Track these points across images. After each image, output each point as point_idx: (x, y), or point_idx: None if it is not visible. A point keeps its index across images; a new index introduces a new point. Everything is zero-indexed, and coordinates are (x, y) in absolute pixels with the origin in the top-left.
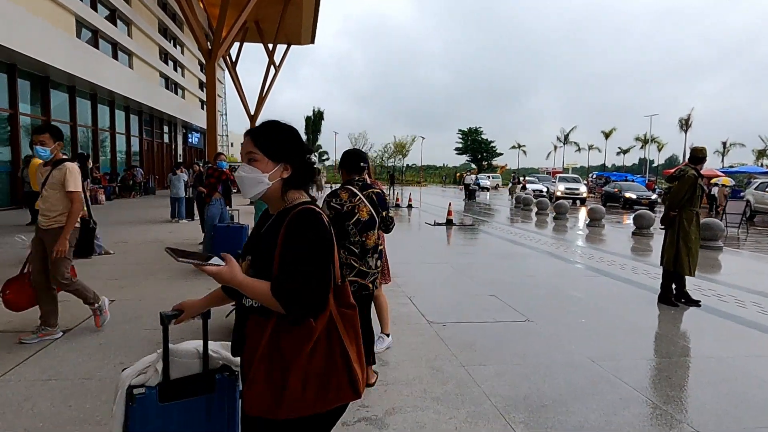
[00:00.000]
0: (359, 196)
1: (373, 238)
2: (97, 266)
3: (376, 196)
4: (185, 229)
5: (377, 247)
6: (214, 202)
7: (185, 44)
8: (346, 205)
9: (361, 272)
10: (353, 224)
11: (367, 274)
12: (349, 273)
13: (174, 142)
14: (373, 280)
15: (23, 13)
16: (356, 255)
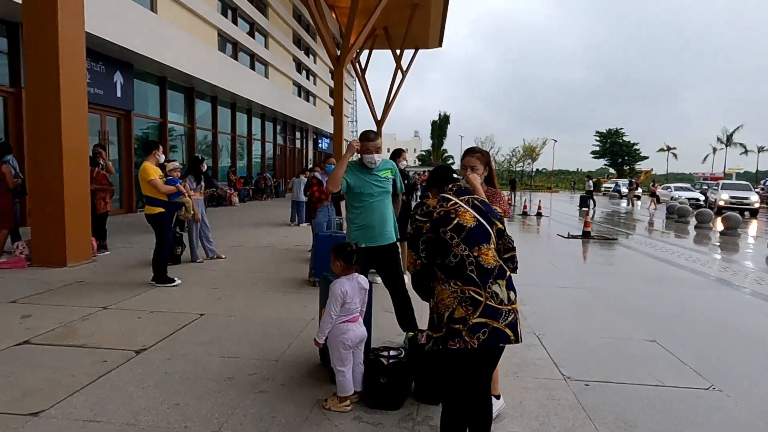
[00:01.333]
0: (454, 200)
1: (490, 254)
2: (205, 271)
3: (480, 202)
4: (301, 233)
5: (503, 270)
6: (322, 209)
7: (317, 53)
8: (436, 211)
9: (490, 310)
10: (453, 231)
11: (499, 313)
12: (472, 312)
13: (305, 147)
14: (511, 323)
15: (174, 30)
16: (474, 282)
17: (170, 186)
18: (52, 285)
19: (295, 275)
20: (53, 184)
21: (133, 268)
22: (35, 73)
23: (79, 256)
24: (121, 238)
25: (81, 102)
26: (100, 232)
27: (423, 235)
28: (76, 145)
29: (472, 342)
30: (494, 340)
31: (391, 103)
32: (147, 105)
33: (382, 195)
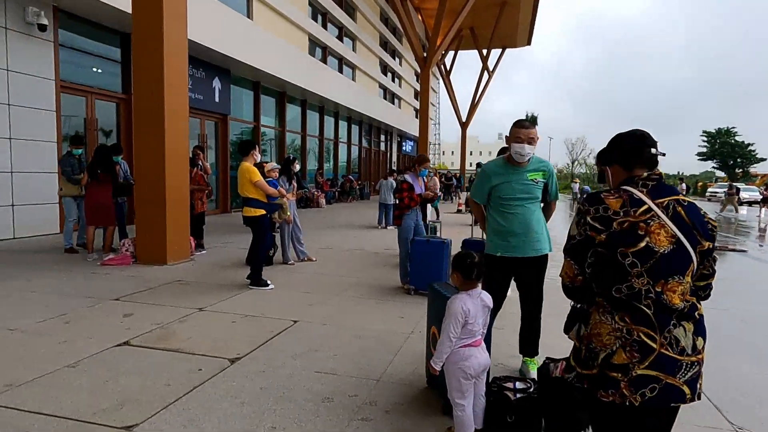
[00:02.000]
0: (648, 205)
1: (680, 289)
2: (297, 274)
3: (686, 210)
4: (388, 237)
5: (694, 309)
6: (411, 212)
7: (403, 56)
8: (617, 220)
9: (665, 360)
10: (637, 256)
11: (678, 365)
12: (639, 360)
13: (389, 150)
14: (692, 378)
15: (268, 36)
16: (649, 322)
17: (273, 188)
18: (152, 283)
19: (388, 281)
20: (156, 185)
21: (228, 268)
22: (142, 77)
23: (178, 255)
24: (216, 238)
25: (183, 106)
26: (198, 232)
27: (592, 247)
28: (178, 147)
29: (633, 398)
30: (665, 399)
31: (477, 104)
32: (242, 109)
33: (529, 202)
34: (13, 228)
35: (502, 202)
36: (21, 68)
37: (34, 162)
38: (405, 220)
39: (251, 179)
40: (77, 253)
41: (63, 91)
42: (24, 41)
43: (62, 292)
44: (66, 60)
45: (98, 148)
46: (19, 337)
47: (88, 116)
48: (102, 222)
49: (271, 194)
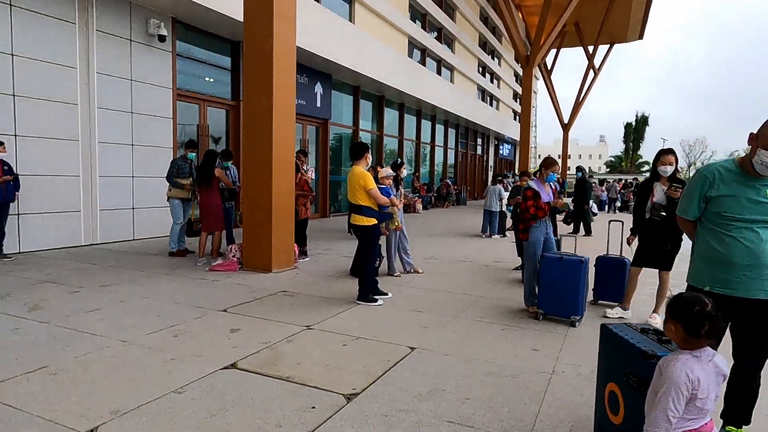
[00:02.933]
0: None
1: None
2: (405, 288)
3: None
4: (496, 247)
5: None
6: (538, 224)
7: (502, 56)
8: None
9: None
10: None
11: None
12: None
13: (486, 153)
14: None
15: (369, 39)
16: None
17: (386, 197)
18: (258, 293)
19: (508, 301)
20: (263, 191)
21: (333, 278)
22: (252, 82)
23: (283, 262)
24: (317, 244)
25: (290, 109)
26: (301, 239)
27: None
28: (285, 153)
29: None
30: None
31: (581, 104)
32: (341, 113)
33: (762, 226)
34: (133, 230)
35: (721, 221)
36: (143, 78)
37: (152, 167)
38: (533, 233)
39: (365, 187)
40: (184, 256)
41: (179, 99)
42: (146, 52)
43: (173, 299)
44: (182, 69)
45: (206, 153)
46: (129, 351)
47: (200, 122)
48: (211, 227)
49: (383, 204)
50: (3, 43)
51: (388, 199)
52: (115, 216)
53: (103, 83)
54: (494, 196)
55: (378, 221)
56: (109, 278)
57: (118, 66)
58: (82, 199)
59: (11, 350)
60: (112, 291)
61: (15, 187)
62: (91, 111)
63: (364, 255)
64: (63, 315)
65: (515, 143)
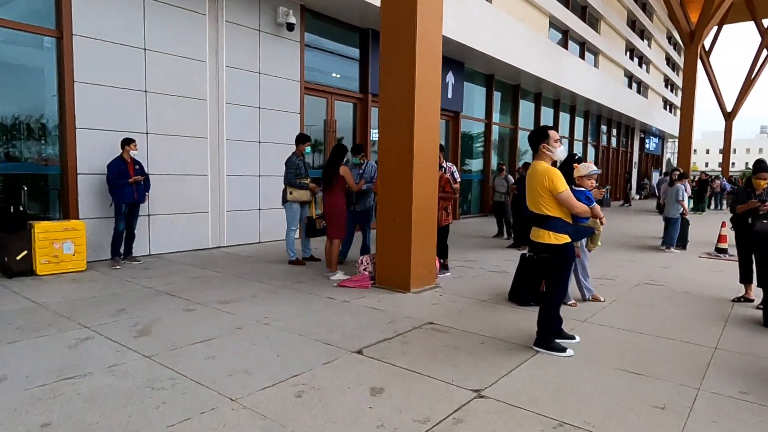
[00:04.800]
0: None
1: None
2: (589, 325)
3: None
4: (683, 264)
5: None
6: None
7: (653, 36)
8: None
9: None
10: None
11: None
12: None
13: (630, 148)
14: None
15: (507, 21)
16: None
17: (584, 204)
18: (399, 324)
19: (753, 356)
20: (401, 194)
21: (488, 304)
22: (390, 73)
23: (423, 280)
24: (456, 254)
25: (434, 105)
26: (442, 250)
27: None
28: (427, 152)
29: None
30: None
31: (749, 89)
32: (473, 106)
33: None
34: (259, 232)
35: None
36: (271, 70)
37: (279, 165)
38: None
39: (554, 189)
40: (303, 265)
41: (307, 92)
42: (274, 43)
43: (297, 328)
44: (309, 60)
45: (334, 149)
46: (237, 420)
47: (327, 117)
48: (330, 233)
49: (581, 214)
50: (136, 37)
51: (589, 208)
52: (241, 217)
53: (232, 77)
54: (672, 198)
55: (572, 239)
56: (230, 292)
57: (246, 59)
58: (210, 199)
59: (97, 405)
60: (229, 310)
61: (146, 187)
62: (219, 107)
63: (548, 286)
64: (170, 345)
65: (663, 136)
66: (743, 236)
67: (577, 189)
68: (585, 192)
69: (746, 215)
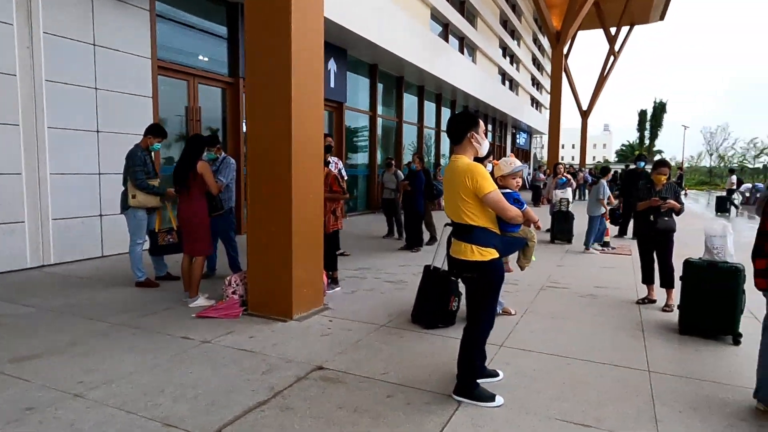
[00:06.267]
0: None
1: None
2: (508, 350)
3: None
4: (574, 261)
5: None
6: None
7: (522, 37)
8: None
9: None
10: None
11: None
12: None
13: (504, 143)
14: None
15: (391, 8)
16: None
17: (516, 208)
18: (278, 376)
19: (709, 386)
20: (277, 195)
21: (388, 329)
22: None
23: (309, 302)
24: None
25: (315, 87)
26: (330, 261)
27: None
28: (310, 143)
29: None
30: None
31: (600, 90)
32: (357, 97)
33: None
34: (102, 245)
35: None
36: (110, 43)
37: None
38: None
39: (480, 190)
40: (157, 287)
41: (162, 73)
42: (114, 9)
43: (127, 400)
44: (164, 35)
45: (189, 141)
46: None
47: (190, 104)
48: (191, 248)
49: (515, 219)
50: None
51: (521, 212)
52: (75, 227)
53: (53, 48)
54: (595, 196)
55: (501, 253)
56: (36, 340)
57: (74, 25)
58: (26, 205)
59: None
60: (25, 374)
61: None
62: (36, 85)
63: (473, 313)
64: None
65: (531, 132)
66: (644, 234)
67: (504, 192)
68: (512, 194)
69: (647, 212)
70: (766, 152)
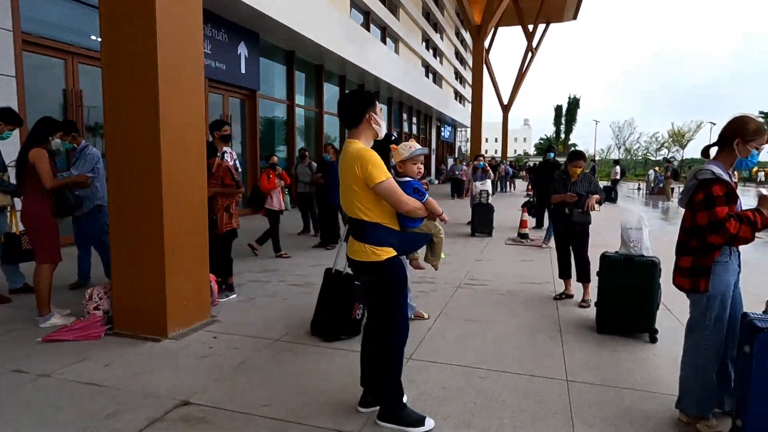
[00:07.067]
0: None
1: None
2: (418, 363)
3: None
4: (493, 254)
5: None
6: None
7: (445, 30)
8: None
9: None
10: None
11: None
12: None
13: (429, 136)
14: None
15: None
16: None
17: (415, 199)
18: (126, 419)
19: (629, 395)
20: (144, 191)
21: (282, 345)
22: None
23: (190, 315)
24: (250, 261)
25: (194, 61)
26: (223, 265)
27: None
28: (189, 133)
29: None
30: None
31: (519, 85)
32: (273, 85)
33: None
34: None
35: None
36: None
37: None
38: (719, 276)
39: (371, 179)
40: (9, 302)
41: (28, 49)
42: None
43: None
44: (31, 5)
45: (36, 124)
46: None
47: (68, 86)
48: (38, 256)
49: (413, 212)
50: None
51: (422, 203)
52: None
53: None
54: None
55: (400, 251)
56: None
57: None
58: None
59: None
60: None
61: None
62: None
63: (383, 323)
64: None
65: (455, 125)
66: (560, 228)
67: (401, 180)
68: (412, 182)
69: (562, 205)
70: (666, 146)
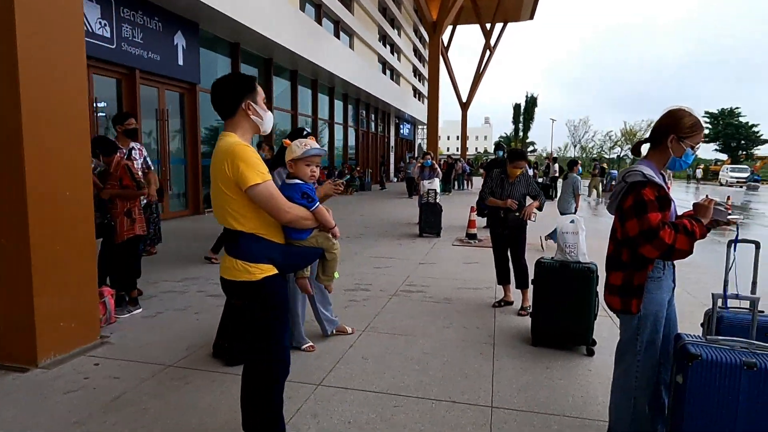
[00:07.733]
0: None
1: None
2: (328, 390)
3: None
4: (438, 256)
5: None
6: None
7: (402, 26)
8: None
9: None
10: None
11: None
12: None
13: (387, 133)
14: None
15: None
16: None
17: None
18: None
19: (544, 419)
20: (3, 195)
21: (175, 371)
22: None
23: (70, 338)
24: (172, 269)
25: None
26: (127, 276)
27: None
28: (67, 123)
29: None
30: None
31: (478, 83)
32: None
33: None
34: None
35: None
36: None
37: None
38: (652, 296)
39: (243, 181)
40: None
41: None
42: None
43: None
44: None
45: None
46: None
47: None
48: None
49: (296, 221)
50: None
51: (311, 212)
52: None
53: None
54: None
55: (281, 269)
56: None
57: None
58: None
59: None
60: None
61: None
62: None
63: (256, 356)
64: None
65: (415, 122)
66: (496, 232)
67: (290, 182)
68: (301, 186)
69: (497, 208)
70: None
